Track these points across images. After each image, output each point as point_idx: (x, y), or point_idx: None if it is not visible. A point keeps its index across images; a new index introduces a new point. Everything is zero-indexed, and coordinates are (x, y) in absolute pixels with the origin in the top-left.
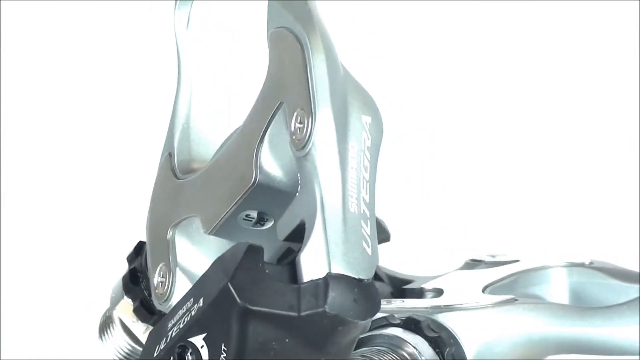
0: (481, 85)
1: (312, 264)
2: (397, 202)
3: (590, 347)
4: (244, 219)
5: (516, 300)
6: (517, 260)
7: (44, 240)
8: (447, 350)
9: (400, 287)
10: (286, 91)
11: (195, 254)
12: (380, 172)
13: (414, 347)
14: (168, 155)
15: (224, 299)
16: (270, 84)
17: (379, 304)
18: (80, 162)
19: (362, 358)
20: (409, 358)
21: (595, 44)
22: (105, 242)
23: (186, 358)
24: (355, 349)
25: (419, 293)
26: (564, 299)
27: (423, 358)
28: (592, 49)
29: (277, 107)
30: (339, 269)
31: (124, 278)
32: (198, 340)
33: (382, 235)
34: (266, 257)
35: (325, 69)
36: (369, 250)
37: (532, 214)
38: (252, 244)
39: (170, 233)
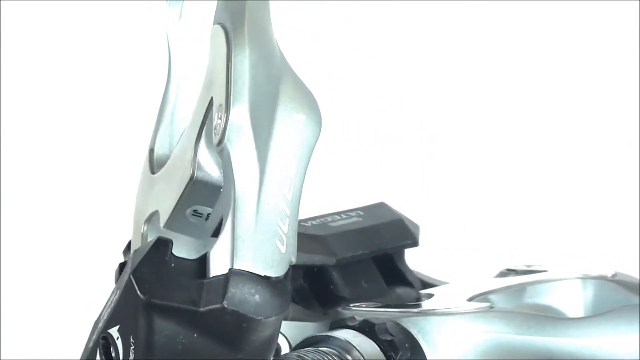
0: (481, 85)
1: (218, 260)
2: (396, 202)
3: (561, 357)
4: (193, 215)
5: (492, 308)
6: (545, 271)
7: (44, 240)
8: (400, 354)
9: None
10: (214, 87)
11: None
12: (380, 173)
13: (358, 350)
14: (150, 150)
15: (129, 292)
16: (205, 80)
17: (287, 302)
18: (81, 161)
19: (298, 358)
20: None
21: (596, 43)
22: (105, 241)
23: (111, 349)
24: (303, 348)
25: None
26: (579, 312)
27: None
28: (593, 49)
29: (209, 103)
30: (242, 265)
31: (115, 272)
32: (114, 332)
33: (409, 239)
34: None
35: (247, 65)
36: (283, 249)
37: (533, 213)
38: (161, 237)
39: (144, 228)
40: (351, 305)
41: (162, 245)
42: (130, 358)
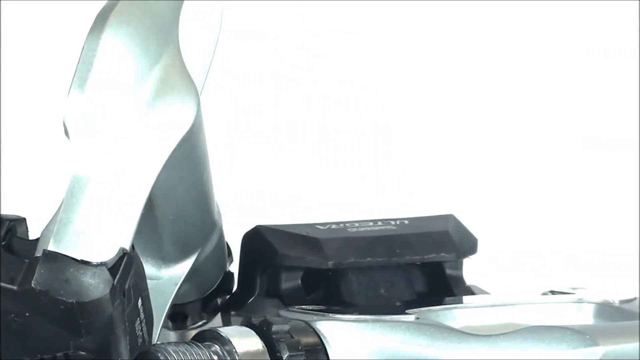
0: (482, 87)
1: (44, 241)
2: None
3: None
4: None
5: (418, 319)
6: (572, 294)
7: None
8: (289, 354)
9: None
10: None
11: None
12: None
13: (233, 346)
14: None
15: None
16: None
17: (101, 287)
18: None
19: (162, 349)
20: (218, 356)
21: (596, 44)
22: None
23: None
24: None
25: None
26: None
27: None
28: (592, 49)
29: None
30: (59, 247)
31: None
32: None
33: (446, 251)
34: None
35: (93, 52)
36: (107, 235)
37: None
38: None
39: None
40: (296, 307)
41: None
42: None
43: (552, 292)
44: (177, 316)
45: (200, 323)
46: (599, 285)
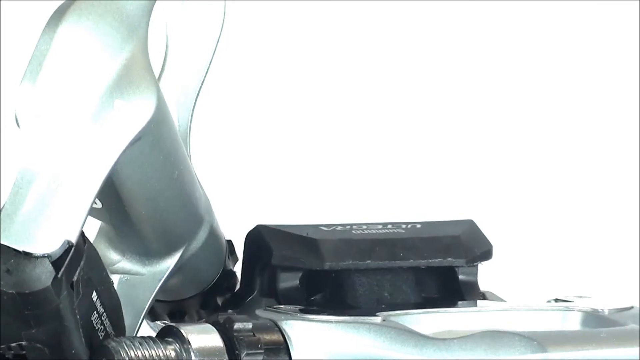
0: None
1: None
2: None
3: None
4: None
5: (384, 321)
6: (571, 302)
7: None
8: (247, 352)
9: None
10: None
11: None
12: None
13: (190, 344)
14: None
15: None
16: None
17: (43, 279)
18: None
19: (118, 340)
20: (175, 352)
21: (596, 44)
22: None
23: None
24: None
25: None
26: None
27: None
28: (591, 50)
29: None
30: (2, 239)
31: None
32: None
33: (455, 256)
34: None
35: (47, 45)
36: (52, 228)
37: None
38: None
39: None
40: (273, 306)
41: None
42: None
43: (556, 300)
44: (175, 313)
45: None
46: (605, 294)
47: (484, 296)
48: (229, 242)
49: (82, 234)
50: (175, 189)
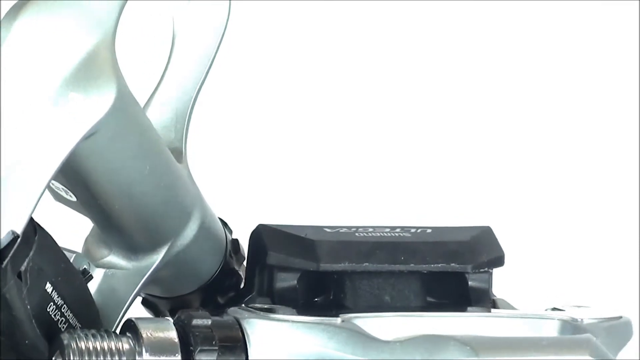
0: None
1: None
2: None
3: None
4: (63, 189)
5: (343, 322)
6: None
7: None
8: (198, 349)
9: None
10: None
11: None
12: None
13: (143, 338)
14: None
15: None
16: None
17: None
18: None
19: (72, 332)
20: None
21: (595, 44)
22: None
23: None
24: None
25: None
26: None
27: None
28: (591, 50)
29: None
30: None
31: None
32: None
33: (459, 262)
34: None
35: (3, 37)
36: None
37: None
38: None
39: None
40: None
41: None
42: None
43: (553, 309)
44: (176, 310)
45: None
46: (606, 303)
47: (494, 303)
48: (234, 241)
49: (33, 225)
50: (149, 184)
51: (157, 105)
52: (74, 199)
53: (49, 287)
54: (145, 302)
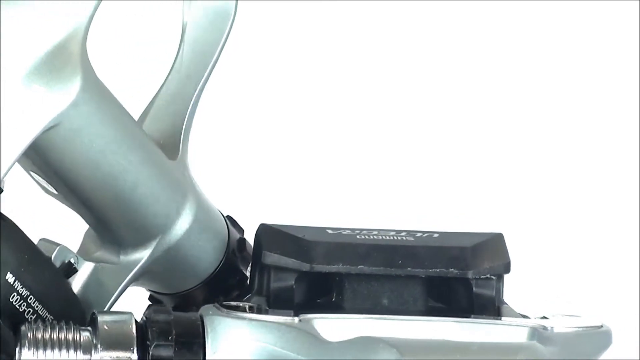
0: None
1: None
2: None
3: None
4: (45, 182)
5: (300, 321)
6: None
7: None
8: (154, 344)
9: None
10: None
11: None
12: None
13: (99, 331)
14: None
15: None
16: None
17: None
18: None
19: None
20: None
21: (595, 44)
22: None
23: None
24: None
25: None
26: None
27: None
28: (591, 50)
29: None
30: None
31: None
32: None
33: (460, 268)
34: None
35: None
36: None
37: None
38: None
39: None
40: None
41: None
42: None
43: (542, 317)
44: (179, 307)
45: None
46: (597, 312)
47: (498, 310)
48: (241, 240)
49: None
50: (127, 179)
51: (161, 101)
52: (55, 192)
53: (10, 278)
54: (151, 299)
